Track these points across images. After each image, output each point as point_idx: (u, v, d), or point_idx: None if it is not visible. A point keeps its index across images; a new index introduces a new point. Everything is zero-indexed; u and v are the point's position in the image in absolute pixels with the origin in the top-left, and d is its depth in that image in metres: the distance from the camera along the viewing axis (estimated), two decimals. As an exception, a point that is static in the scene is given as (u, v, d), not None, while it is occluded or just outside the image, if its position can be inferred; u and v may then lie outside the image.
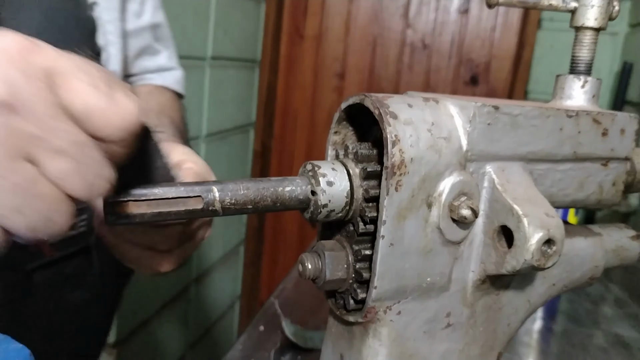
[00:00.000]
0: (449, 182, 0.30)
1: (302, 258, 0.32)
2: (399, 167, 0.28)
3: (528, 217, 0.29)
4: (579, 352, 0.75)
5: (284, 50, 1.88)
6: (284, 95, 1.92)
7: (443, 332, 0.34)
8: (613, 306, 0.92)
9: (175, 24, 1.28)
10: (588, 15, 0.39)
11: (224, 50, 1.55)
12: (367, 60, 1.83)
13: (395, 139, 0.28)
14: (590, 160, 0.37)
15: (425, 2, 1.77)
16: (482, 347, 0.36)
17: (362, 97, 0.31)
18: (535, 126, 0.33)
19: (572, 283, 0.40)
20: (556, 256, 0.30)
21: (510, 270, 0.30)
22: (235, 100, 1.71)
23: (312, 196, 0.30)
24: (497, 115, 0.31)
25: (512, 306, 0.37)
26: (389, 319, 0.31)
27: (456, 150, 0.30)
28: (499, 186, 0.31)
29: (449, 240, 0.31)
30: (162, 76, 0.71)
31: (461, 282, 0.33)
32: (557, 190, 0.36)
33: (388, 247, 0.29)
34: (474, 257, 0.33)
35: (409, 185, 0.29)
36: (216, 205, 0.28)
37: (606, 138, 0.37)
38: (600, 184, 0.38)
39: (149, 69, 0.70)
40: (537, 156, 0.34)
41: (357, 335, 0.33)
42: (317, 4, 1.83)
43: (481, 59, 1.76)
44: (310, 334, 0.72)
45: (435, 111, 0.30)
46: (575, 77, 0.40)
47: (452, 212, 0.30)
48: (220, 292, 1.80)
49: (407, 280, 0.31)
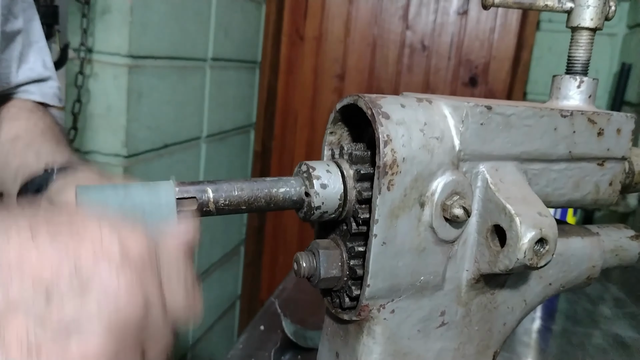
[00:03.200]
0: (441, 181, 0.30)
1: (297, 257, 0.32)
2: (390, 166, 0.28)
3: (520, 216, 0.29)
4: (577, 351, 0.75)
5: (284, 51, 1.89)
6: (284, 96, 1.92)
7: (437, 331, 0.34)
8: (612, 306, 0.92)
9: (176, 26, 1.28)
10: (584, 15, 0.39)
11: (224, 51, 1.56)
12: (366, 62, 1.84)
13: (387, 138, 0.28)
14: (586, 160, 0.37)
15: (425, 3, 1.77)
16: (478, 346, 0.36)
17: (355, 98, 0.31)
18: (529, 126, 0.33)
19: (569, 283, 0.40)
20: (549, 255, 0.30)
21: (503, 269, 0.30)
22: (236, 101, 1.71)
23: (305, 198, 0.30)
24: (490, 115, 0.31)
25: (508, 305, 0.37)
26: (383, 317, 0.31)
27: (449, 150, 0.30)
28: (492, 186, 0.31)
29: (442, 240, 0.31)
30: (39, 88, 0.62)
31: (455, 281, 0.33)
32: (553, 190, 0.37)
33: (381, 245, 0.30)
34: (468, 256, 0.33)
35: (401, 185, 0.29)
36: (210, 206, 0.28)
37: (602, 138, 0.37)
38: (597, 183, 0.38)
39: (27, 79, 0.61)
40: (531, 156, 0.34)
41: (352, 333, 0.33)
42: (317, 5, 1.84)
43: (480, 60, 1.76)
44: (310, 333, 0.72)
45: (428, 111, 0.31)
46: (571, 77, 0.40)
47: (444, 211, 0.30)
48: (220, 292, 1.80)
49: (400, 279, 0.31)
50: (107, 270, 0.20)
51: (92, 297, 0.20)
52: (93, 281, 0.20)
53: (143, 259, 0.22)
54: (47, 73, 0.63)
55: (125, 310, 0.20)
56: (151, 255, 0.22)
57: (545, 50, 1.64)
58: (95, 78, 1.13)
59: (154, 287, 0.22)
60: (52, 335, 0.19)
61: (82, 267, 0.20)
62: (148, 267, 0.22)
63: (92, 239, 0.20)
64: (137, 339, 0.22)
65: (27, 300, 0.19)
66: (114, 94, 1.13)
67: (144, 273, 0.21)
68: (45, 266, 0.19)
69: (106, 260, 0.20)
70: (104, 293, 0.20)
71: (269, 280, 2.04)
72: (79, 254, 0.20)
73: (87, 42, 1.09)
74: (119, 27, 1.10)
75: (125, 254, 0.21)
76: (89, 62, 1.11)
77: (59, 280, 0.19)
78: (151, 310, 0.22)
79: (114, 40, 1.10)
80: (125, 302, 0.20)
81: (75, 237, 0.20)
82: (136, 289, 0.21)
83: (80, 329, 0.19)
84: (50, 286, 0.19)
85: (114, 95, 1.13)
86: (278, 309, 0.79)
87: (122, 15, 1.09)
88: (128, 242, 0.21)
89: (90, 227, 0.21)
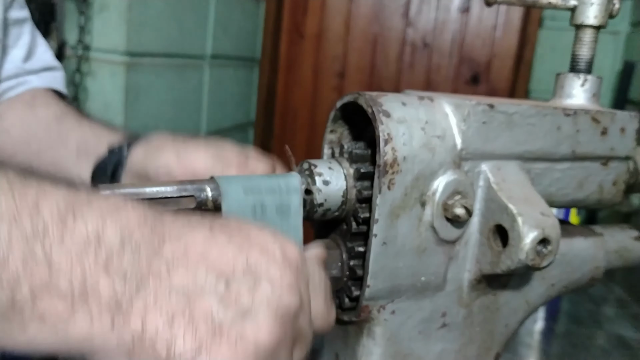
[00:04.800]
0: (442, 180, 0.30)
1: (296, 257, 0.32)
2: (391, 165, 0.28)
3: (523, 216, 0.29)
4: (580, 352, 0.75)
5: (284, 49, 1.88)
6: (283, 94, 1.91)
7: (439, 332, 0.33)
8: (615, 307, 0.91)
9: (174, 23, 1.28)
10: (588, 13, 0.38)
11: (223, 49, 1.55)
12: (367, 60, 1.83)
13: (387, 137, 0.28)
14: (590, 160, 0.37)
15: (426, 0, 1.76)
16: (479, 347, 0.36)
17: (356, 96, 0.30)
18: (532, 125, 0.33)
19: (572, 284, 0.39)
20: (551, 256, 0.29)
21: (505, 270, 0.30)
22: (235, 99, 1.71)
23: (307, 195, 0.30)
24: (492, 114, 0.31)
25: (510, 307, 0.36)
26: (383, 318, 0.31)
27: (450, 148, 0.30)
28: (494, 185, 0.31)
29: (443, 240, 0.31)
30: (43, 77, 0.60)
31: (457, 281, 0.33)
32: (556, 190, 0.36)
33: (381, 245, 0.29)
34: (470, 257, 0.32)
35: (402, 184, 0.29)
36: (209, 205, 0.28)
37: (606, 137, 0.37)
38: (601, 183, 0.38)
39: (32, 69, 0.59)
40: (534, 155, 0.34)
41: (352, 334, 0.33)
42: (317, 2, 1.83)
43: (482, 58, 1.76)
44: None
45: (429, 110, 0.30)
46: (575, 75, 0.39)
47: (446, 211, 0.30)
48: (220, 291, 1.80)
49: (401, 280, 0.30)
50: (274, 267, 0.23)
51: (262, 287, 0.23)
52: (262, 274, 0.23)
53: (298, 263, 0.25)
54: (55, 62, 0.63)
55: (287, 302, 0.23)
56: (302, 262, 0.25)
57: (548, 48, 1.63)
58: (92, 76, 1.12)
59: (305, 289, 0.25)
60: (233, 317, 0.21)
61: (253, 262, 0.23)
62: (301, 271, 0.25)
63: (259, 241, 0.24)
64: (293, 333, 0.24)
65: (211, 284, 0.22)
66: (112, 92, 1.13)
67: (299, 275, 0.24)
68: (224, 260, 0.22)
69: (271, 259, 0.24)
70: (271, 285, 0.23)
71: (269, 279, 2.04)
72: (250, 252, 0.23)
73: (85, 40, 1.08)
74: (117, 24, 1.09)
75: (285, 257, 0.24)
76: (86, 59, 1.10)
77: (234, 272, 0.22)
78: (303, 309, 0.24)
79: (112, 37, 1.10)
80: (287, 295, 0.23)
81: (246, 239, 0.24)
82: (294, 286, 0.24)
83: (253, 315, 0.22)
84: (228, 276, 0.22)
85: (112, 93, 1.13)
86: (277, 309, 0.78)
87: (120, 13, 1.09)
88: (286, 248, 0.25)
89: (256, 233, 0.24)
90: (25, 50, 0.58)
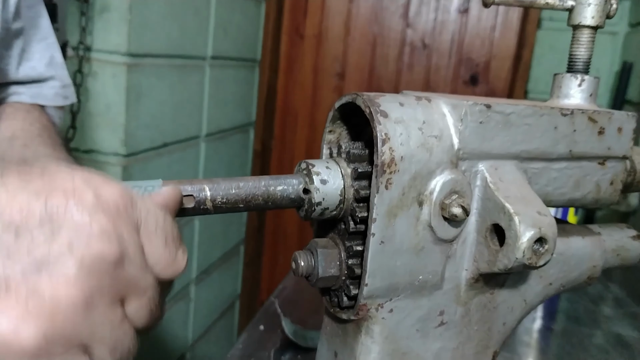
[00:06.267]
0: (440, 180, 0.30)
1: (295, 256, 0.32)
2: (389, 165, 0.28)
3: (519, 215, 0.29)
4: (578, 351, 0.75)
5: (284, 49, 1.88)
6: (284, 94, 1.92)
7: (436, 331, 0.34)
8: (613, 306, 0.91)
9: (175, 24, 1.28)
10: (585, 13, 0.39)
11: (224, 49, 1.55)
12: (367, 60, 1.83)
13: (385, 137, 0.28)
14: (587, 159, 0.37)
15: (425, 1, 1.77)
16: (477, 346, 0.36)
17: (354, 96, 0.31)
18: (529, 125, 0.33)
19: (570, 283, 0.39)
20: (548, 255, 0.29)
21: (502, 269, 0.30)
22: (235, 99, 1.71)
23: (304, 195, 0.30)
24: (489, 114, 0.31)
25: (508, 305, 0.37)
26: (381, 316, 0.31)
27: (447, 148, 0.30)
28: (491, 184, 0.31)
29: (440, 239, 0.31)
30: (32, 90, 0.60)
31: (454, 280, 0.33)
32: (553, 189, 0.36)
33: (379, 244, 0.29)
34: (467, 256, 0.33)
35: (399, 184, 0.29)
36: (207, 204, 0.28)
37: (603, 137, 0.37)
38: (598, 183, 0.38)
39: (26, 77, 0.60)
40: (531, 155, 0.34)
41: (350, 332, 0.33)
42: (317, 3, 1.83)
43: (481, 59, 1.76)
44: (310, 333, 0.72)
45: (426, 110, 0.30)
46: (572, 75, 0.40)
47: (443, 210, 0.30)
48: (220, 291, 1.80)
49: (398, 278, 0.31)
50: (79, 212, 0.21)
51: (62, 236, 0.20)
52: (64, 221, 0.20)
53: (117, 206, 0.22)
54: (49, 72, 0.62)
55: (99, 250, 0.21)
56: (126, 204, 0.22)
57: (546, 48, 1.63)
58: (94, 77, 1.12)
59: (130, 235, 0.22)
60: (22, 270, 0.19)
61: (53, 207, 0.20)
62: (123, 214, 0.22)
63: (65, 186, 0.21)
64: (114, 286, 0.21)
65: None
66: (113, 93, 1.13)
67: (118, 219, 0.22)
68: (14, 206, 0.20)
69: (78, 203, 0.21)
70: (75, 232, 0.20)
71: (269, 280, 2.04)
72: (50, 197, 0.20)
73: (86, 41, 1.09)
74: (118, 25, 1.09)
75: (100, 200, 0.21)
76: (87, 60, 1.11)
77: (27, 219, 0.20)
78: (128, 257, 0.22)
79: (113, 38, 1.10)
80: (99, 243, 0.21)
81: (47, 183, 0.21)
82: (110, 232, 0.21)
83: (50, 266, 0.20)
84: (19, 225, 0.20)
85: (113, 93, 1.13)
86: (278, 309, 0.79)
87: (121, 14, 1.09)
88: (101, 191, 0.22)
89: (62, 175, 0.21)
90: (16, 60, 0.58)
